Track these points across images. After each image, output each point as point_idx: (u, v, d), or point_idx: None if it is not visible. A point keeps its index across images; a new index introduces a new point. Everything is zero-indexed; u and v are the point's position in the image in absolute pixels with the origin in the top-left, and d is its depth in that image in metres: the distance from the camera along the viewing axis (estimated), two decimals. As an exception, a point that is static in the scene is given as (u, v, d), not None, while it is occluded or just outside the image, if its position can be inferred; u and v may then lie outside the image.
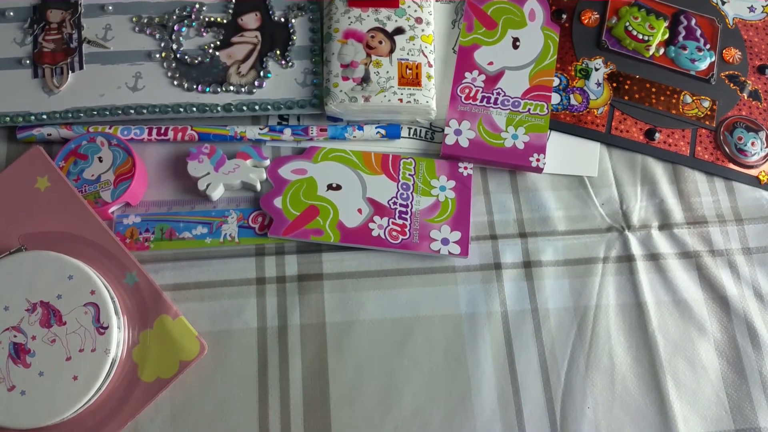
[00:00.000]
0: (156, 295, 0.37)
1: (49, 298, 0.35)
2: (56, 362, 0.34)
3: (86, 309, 0.35)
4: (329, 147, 0.43)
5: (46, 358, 0.34)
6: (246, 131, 0.42)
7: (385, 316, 0.40)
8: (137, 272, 0.38)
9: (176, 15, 0.45)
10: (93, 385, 0.34)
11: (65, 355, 0.35)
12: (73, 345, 0.35)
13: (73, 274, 0.36)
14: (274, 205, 0.41)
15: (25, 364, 0.34)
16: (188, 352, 0.37)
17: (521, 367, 0.39)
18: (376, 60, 0.42)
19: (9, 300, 0.35)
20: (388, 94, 0.42)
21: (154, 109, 0.42)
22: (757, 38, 0.49)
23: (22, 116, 0.42)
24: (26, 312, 0.35)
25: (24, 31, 0.44)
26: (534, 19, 0.47)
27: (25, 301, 0.35)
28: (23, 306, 0.35)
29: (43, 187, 0.38)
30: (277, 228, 0.40)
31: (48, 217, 0.38)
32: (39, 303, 0.35)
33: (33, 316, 0.35)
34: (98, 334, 0.35)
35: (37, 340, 0.35)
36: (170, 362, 0.36)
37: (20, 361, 0.34)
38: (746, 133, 0.46)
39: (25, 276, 0.36)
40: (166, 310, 0.37)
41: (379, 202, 0.42)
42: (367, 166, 0.43)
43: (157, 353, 0.37)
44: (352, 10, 0.43)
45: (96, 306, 0.35)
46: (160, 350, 0.37)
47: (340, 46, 0.42)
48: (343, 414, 0.38)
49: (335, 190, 0.42)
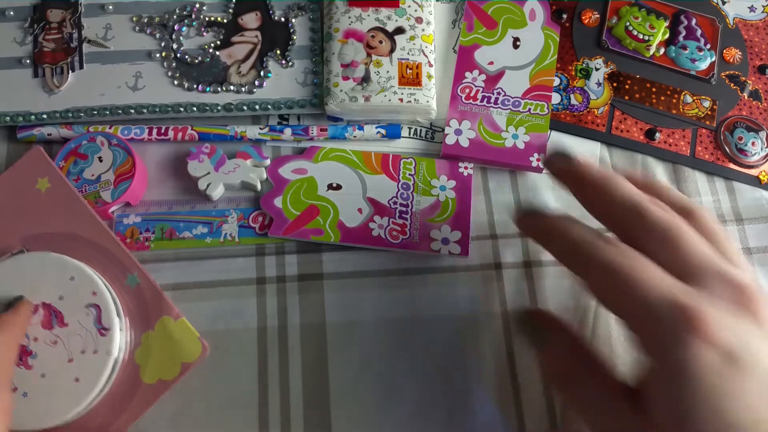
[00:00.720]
0: (157, 296, 0.37)
1: (50, 300, 0.35)
2: (58, 364, 0.34)
3: (88, 310, 0.35)
4: (329, 147, 0.43)
5: (48, 360, 0.34)
6: (246, 131, 0.42)
7: (385, 316, 0.40)
8: (138, 273, 0.38)
9: (176, 14, 0.45)
10: (95, 386, 0.34)
11: (67, 357, 0.35)
12: (74, 346, 0.35)
13: (75, 275, 0.36)
14: (274, 204, 0.41)
15: (27, 365, 0.34)
16: (190, 354, 0.37)
17: (521, 367, 0.39)
18: (377, 60, 0.42)
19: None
20: (388, 93, 0.42)
21: (155, 109, 0.42)
22: (758, 38, 0.49)
23: (23, 116, 0.42)
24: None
25: (24, 31, 0.44)
26: (534, 18, 0.47)
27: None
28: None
29: (43, 188, 0.38)
30: (278, 228, 0.40)
31: (49, 218, 0.38)
32: (41, 304, 0.35)
33: (35, 317, 0.35)
34: (100, 336, 0.35)
35: (39, 342, 0.35)
36: (172, 364, 0.36)
37: (22, 363, 0.34)
38: (746, 133, 0.46)
39: (26, 277, 0.35)
40: (167, 311, 0.37)
41: (380, 202, 0.42)
42: (367, 165, 0.43)
43: (159, 355, 0.37)
44: (352, 10, 0.43)
45: (98, 307, 0.35)
46: (162, 352, 0.37)
47: (341, 45, 0.42)
48: (343, 414, 0.38)
49: (335, 190, 0.42)
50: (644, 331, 0.28)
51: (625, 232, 0.30)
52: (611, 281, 0.28)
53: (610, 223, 0.32)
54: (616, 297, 0.29)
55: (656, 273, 0.28)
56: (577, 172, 0.33)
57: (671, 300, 0.26)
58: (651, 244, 0.29)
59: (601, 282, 0.29)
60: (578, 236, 0.30)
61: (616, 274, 0.28)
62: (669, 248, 0.29)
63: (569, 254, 0.31)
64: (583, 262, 0.30)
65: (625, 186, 0.31)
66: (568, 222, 0.31)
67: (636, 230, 0.30)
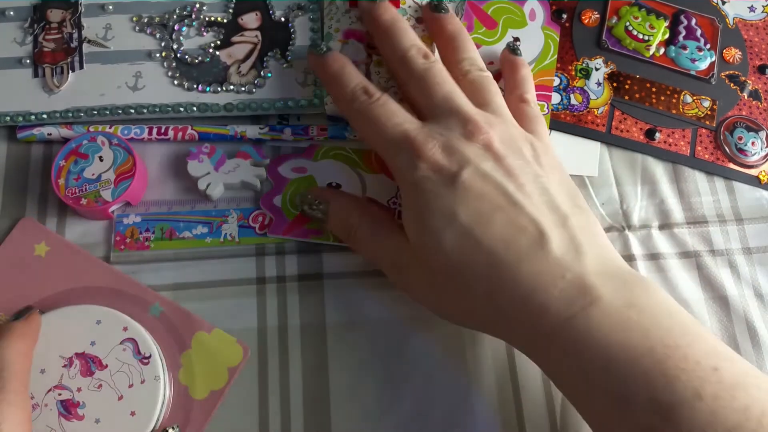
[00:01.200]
0: (185, 316, 0.38)
1: (83, 348, 0.35)
2: (109, 405, 0.34)
3: (124, 346, 0.35)
4: (329, 145, 0.43)
5: (97, 405, 0.34)
6: (246, 131, 0.42)
7: (385, 316, 0.40)
8: (159, 302, 0.38)
9: (176, 14, 0.45)
10: (153, 414, 0.34)
11: (116, 396, 0.35)
12: (121, 384, 0.35)
13: (101, 319, 0.36)
14: (274, 204, 0.41)
15: (78, 417, 0.34)
16: (233, 358, 0.37)
17: (521, 367, 0.39)
18: (377, 60, 0.42)
19: (43, 362, 0.35)
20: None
21: (155, 109, 0.42)
22: (758, 38, 0.49)
23: (23, 116, 0.42)
24: (64, 368, 0.35)
25: (24, 31, 0.44)
26: (534, 18, 0.47)
27: (59, 359, 0.35)
28: (59, 363, 0.35)
29: (43, 253, 0.39)
30: (277, 228, 0.40)
31: (56, 279, 0.38)
32: (74, 356, 0.35)
33: (72, 369, 0.35)
34: (143, 365, 0.35)
35: (84, 391, 0.35)
36: (218, 372, 0.37)
37: (72, 415, 0.34)
38: (746, 133, 0.46)
39: (51, 335, 0.35)
40: (199, 326, 0.37)
41: (380, 202, 0.42)
42: (366, 164, 0.43)
43: (203, 368, 0.37)
44: (353, 10, 0.43)
45: (133, 340, 0.36)
46: (206, 365, 0.37)
47: (341, 45, 0.42)
48: (343, 414, 0.38)
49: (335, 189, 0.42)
50: (390, 163, 0.36)
51: (399, 77, 0.39)
52: (367, 126, 0.37)
53: (391, 66, 0.40)
54: (371, 138, 0.37)
55: (399, 116, 0.36)
56: (371, 14, 0.40)
57: (404, 135, 0.35)
58: (412, 89, 0.38)
59: (361, 126, 0.37)
60: (348, 87, 0.38)
61: (370, 121, 0.36)
62: (422, 92, 0.37)
63: (342, 101, 0.38)
64: (349, 109, 0.38)
65: (403, 36, 0.38)
66: (346, 69, 0.39)
67: (404, 76, 0.38)
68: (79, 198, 0.39)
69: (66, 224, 0.41)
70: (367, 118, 0.36)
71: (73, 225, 0.41)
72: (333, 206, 0.39)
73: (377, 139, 0.36)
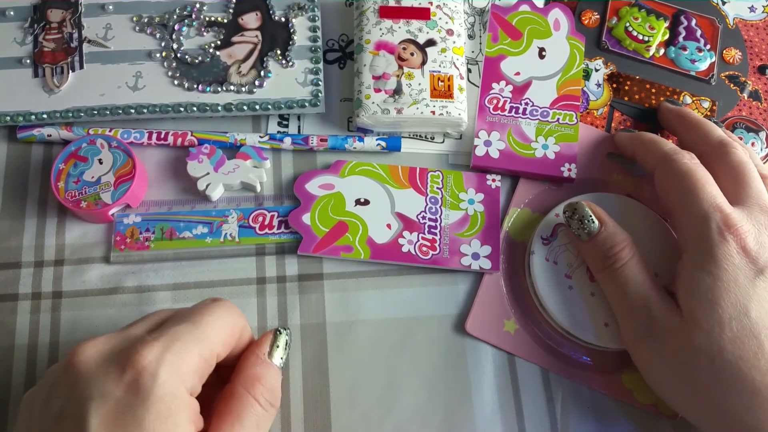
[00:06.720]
0: None
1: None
2: None
3: None
4: (356, 161, 0.43)
5: None
6: (246, 138, 0.42)
7: (385, 316, 0.40)
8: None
9: (177, 14, 0.45)
10: None
11: None
12: None
13: None
14: (302, 221, 0.41)
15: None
16: None
17: (521, 367, 0.39)
18: (408, 72, 0.42)
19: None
20: (420, 106, 0.42)
21: (155, 109, 0.42)
22: (758, 38, 0.49)
23: (23, 116, 0.42)
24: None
25: (24, 31, 0.44)
26: (559, 29, 0.46)
27: None
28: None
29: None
30: (307, 245, 0.40)
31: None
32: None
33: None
34: None
35: None
36: None
37: None
38: (746, 134, 0.46)
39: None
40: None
41: (408, 217, 0.41)
42: (394, 179, 0.42)
43: None
44: (383, 22, 0.43)
45: None
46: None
47: (372, 57, 0.42)
48: (343, 414, 0.38)
49: (363, 205, 0.41)
50: (690, 228, 0.35)
51: (708, 163, 0.37)
52: (679, 181, 0.36)
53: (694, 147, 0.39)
54: (679, 194, 0.36)
55: (715, 189, 0.35)
56: (680, 113, 0.42)
57: (719, 208, 0.34)
58: (722, 175, 0.37)
59: (672, 179, 0.37)
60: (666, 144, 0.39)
61: (687, 177, 0.36)
62: (735, 181, 0.37)
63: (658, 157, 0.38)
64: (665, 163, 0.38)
65: (719, 130, 0.40)
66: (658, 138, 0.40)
67: (717, 163, 0.37)
68: (79, 201, 0.39)
69: (66, 225, 0.41)
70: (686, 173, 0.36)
71: (73, 226, 0.41)
72: (609, 230, 0.37)
73: (684, 198, 0.36)
